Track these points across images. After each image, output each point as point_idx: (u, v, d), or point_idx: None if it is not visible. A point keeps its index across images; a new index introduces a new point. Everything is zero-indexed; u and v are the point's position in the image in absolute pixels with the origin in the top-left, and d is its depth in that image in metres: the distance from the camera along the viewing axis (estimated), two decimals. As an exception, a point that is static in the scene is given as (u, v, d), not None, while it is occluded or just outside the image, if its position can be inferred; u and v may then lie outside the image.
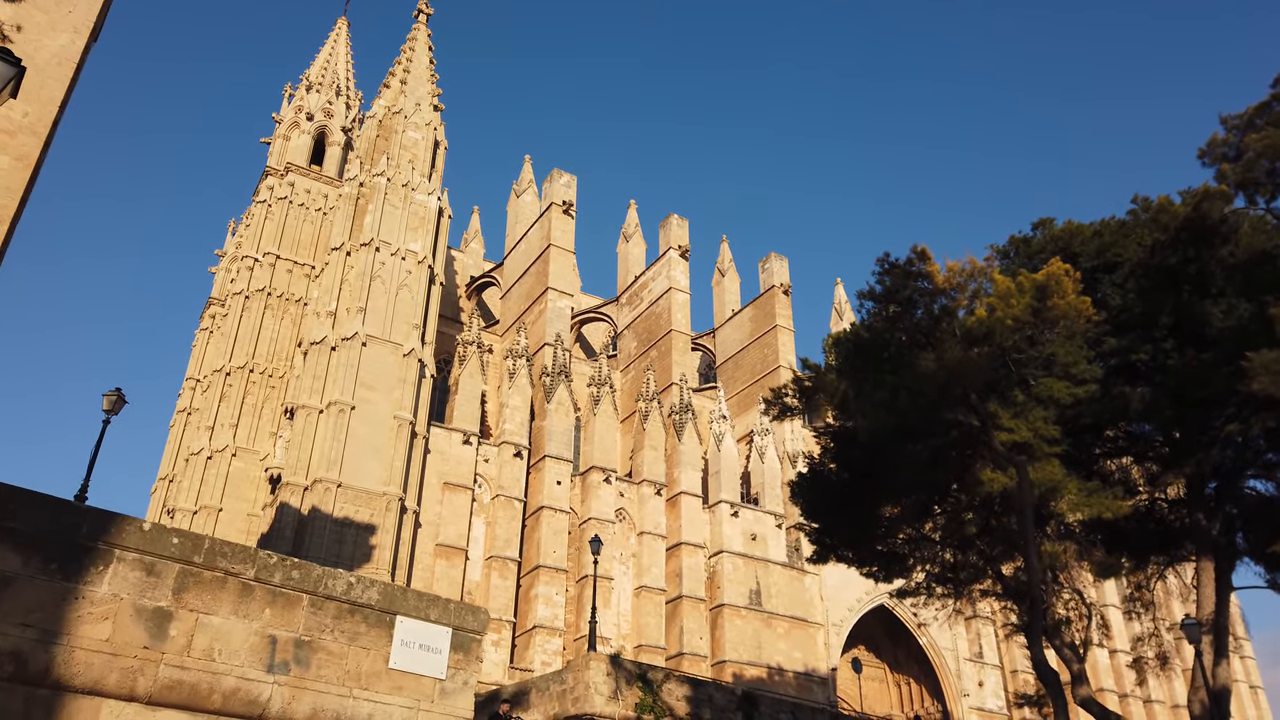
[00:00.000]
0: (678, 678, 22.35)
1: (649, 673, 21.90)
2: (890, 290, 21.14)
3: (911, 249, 21.73)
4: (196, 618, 6.53)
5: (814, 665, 48.67)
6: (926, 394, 19.63)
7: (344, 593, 7.86)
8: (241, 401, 50.38)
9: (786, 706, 24.09)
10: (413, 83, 49.54)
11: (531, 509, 45.69)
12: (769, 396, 22.82)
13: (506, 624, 41.95)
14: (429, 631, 8.70)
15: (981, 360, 19.36)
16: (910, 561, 29.14)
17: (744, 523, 50.55)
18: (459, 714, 8.41)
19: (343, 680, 7.28)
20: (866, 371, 20.84)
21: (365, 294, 42.20)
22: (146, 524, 6.59)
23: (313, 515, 37.04)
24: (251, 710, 6.80)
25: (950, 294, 21.58)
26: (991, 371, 19.97)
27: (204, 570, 6.75)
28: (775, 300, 59.96)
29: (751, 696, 23.16)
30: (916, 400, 19.45)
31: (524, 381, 47.50)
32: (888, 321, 21.81)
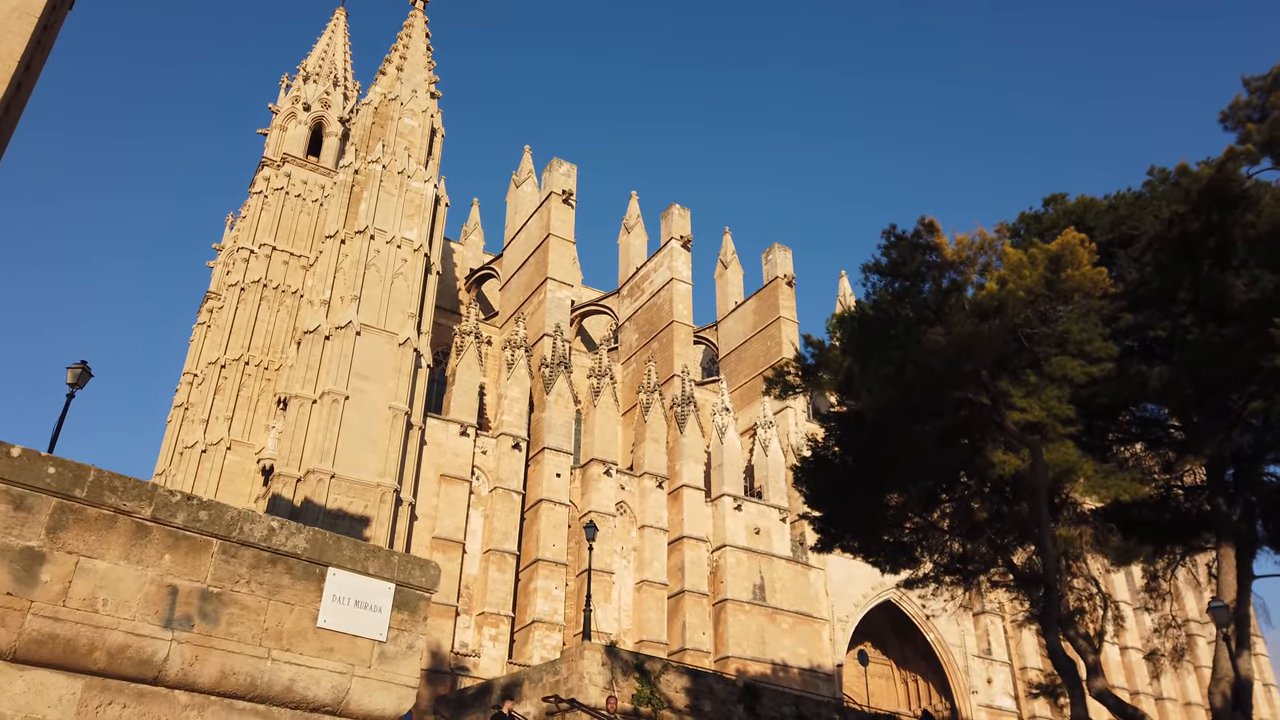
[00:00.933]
0: (676, 669, 21.49)
1: (646, 663, 21.03)
2: (897, 263, 20.25)
3: (919, 221, 20.86)
4: (76, 561, 5.57)
5: (819, 661, 47.75)
6: (934, 369, 18.73)
7: (263, 539, 6.85)
8: (237, 394, 49.65)
9: (789, 699, 23.18)
10: (409, 69, 48.75)
11: (530, 502, 44.85)
12: (771, 375, 21.92)
13: (505, 618, 41.11)
14: (368, 587, 7.69)
15: (993, 334, 18.46)
16: (917, 551, 28.27)
17: (747, 516, 49.64)
18: (401, 680, 7.46)
19: (259, 639, 6.32)
20: (872, 347, 19.95)
21: (360, 282, 41.41)
22: (16, 449, 5.68)
23: (305, 507, 36.22)
24: (144, 671, 5.84)
25: (959, 267, 20.68)
26: (1003, 346, 19.07)
27: (88, 507, 5.76)
28: (779, 291, 59.03)
29: (753, 688, 22.29)
30: (924, 376, 18.55)
31: (523, 372, 46.65)
32: (894, 296, 20.93)
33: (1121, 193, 23.62)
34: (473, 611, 41.43)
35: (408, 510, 39.36)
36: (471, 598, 41.81)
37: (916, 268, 20.17)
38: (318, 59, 64.27)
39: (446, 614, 39.76)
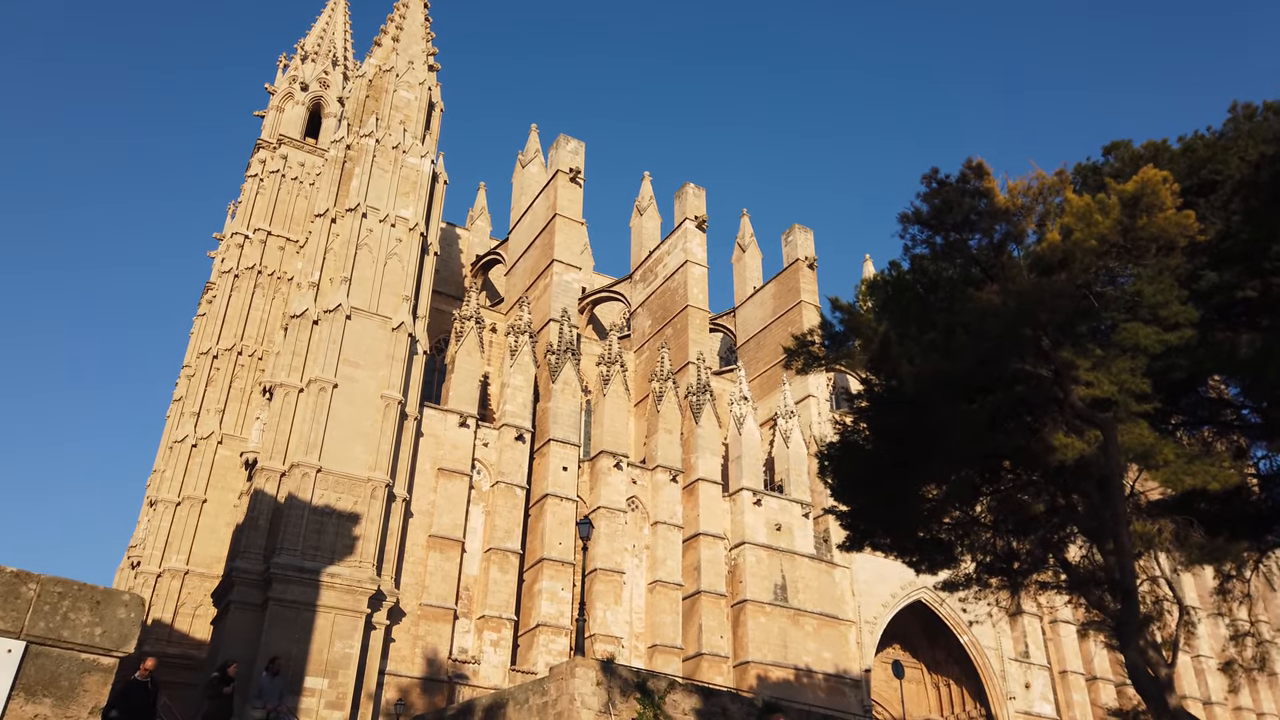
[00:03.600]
0: (685, 687, 18.60)
1: (649, 681, 18.15)
2: (940, 212, 17.15)
3: (965, 164, 17.74)
4: None
5: (846, 666, 44.65)
6: (989, 333, 15.66)
7: None
8: (229, 385, 47.22)
9: (816, 717, 20.23)
10: (406, 40, 46.01)
11: (535, 497, 42.01)
12: (791, 345, 18.92)
13: (507, 622, 38.31)
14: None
15: (1060, 289, 15.37)
16: (957, 550, 25.17)
17: (767, 512, 46.59)
18: None
19: None
20: (912, 311, 16.91)
21: (350, 263, 38.72)
22: None
23: (289, 503, 33.59)
24: None
25: (1013, 217, 17.56)
26: (1072, 304, 15.95)
27: None
28: (800, 275, 55.87)
29: (774, 707, 19.36)
30: (976, 341, 15.50)
31: (527, 359, 43.80)
32: (937, 253, 17.84)
33: (1199, 134, 20.40)
34: (473, 615, 38.67)
35: (401, 506, 36.64)
36: (471, 600, 39.04)
37: (963, 217, 17.09)
38: (316, 38, 61.78)
39: (444, 617, 37.03)
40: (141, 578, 42.14)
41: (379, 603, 33.91)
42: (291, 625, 31.51)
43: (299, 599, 31.81)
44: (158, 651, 39.20)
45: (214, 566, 41.24)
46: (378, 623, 33.89)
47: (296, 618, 31.70)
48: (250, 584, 32.41)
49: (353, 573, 33.19)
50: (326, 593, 32.33)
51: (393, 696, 34.00)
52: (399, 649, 35.40)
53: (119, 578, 51.57)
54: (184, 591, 41.59)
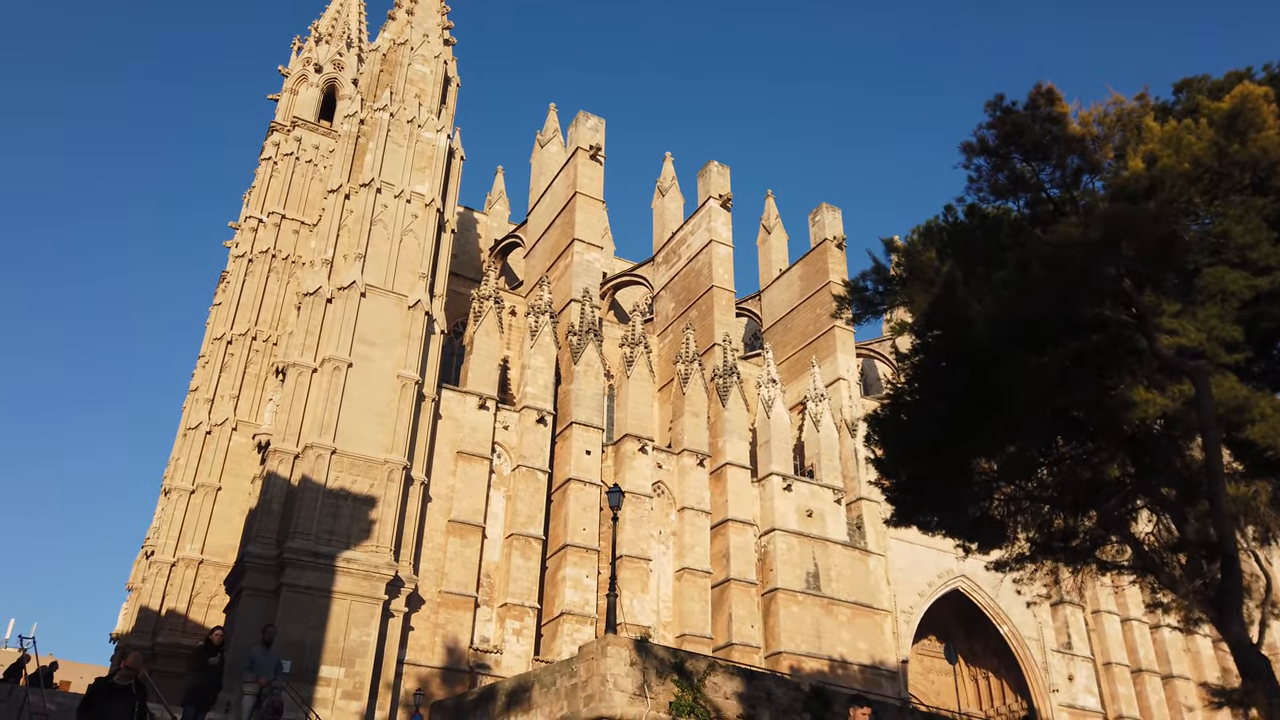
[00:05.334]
0: (725, 668, 17.05)
1: (687, 662, 16.59)
2: (1008, 139, 15.48)
3: (1035, 89, 16.07)
4: None
5: (881, 657, 42.87)
6: (1069, 266, 13.96)
7: None
8: (243, 371, 45.99)
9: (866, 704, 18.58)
10: (420, 13, 44.62)
11: (558, 482, 40.53)
12: (842, 293, 17.19)
13: (530, 610, 36.84)
14: None
15: (1148, 216, 13.64)
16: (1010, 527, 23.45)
17: (798, 497, 44.87)
18: None
19: None
20: (977, 250, 15.23)
21: (365, 240, 37.36)
22: None
23: (303, 486, 32.27)
24: None
25: (1089, 145, 15.88)
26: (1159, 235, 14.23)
27: None
28: (828, 255, 54.06)
29: (822, 692, 17.77)
30: (1055, 276, 13.80)
31: (548, 340, 42.30)
32: (1004, 184, 16.14)
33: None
34: (494, 603, 37.24)
35: (419, 490, 35.25)
36: (493, 587, 37.62)
37: (1034, 144, 15.40)
38: (330, 19, 60.54)
39: (465, 605, 35.62)
40: (155, 567, 41.03)
41: (397, 589, 32.54)
42: (306, 612, 30.18)
43: (313, 585, 30.48)
44: (171, 642, 38.11)
45: (228, 555, 40.04)
46: (395, 610, 32.52)
47: (311, 604, 30.37)
48: (263, 570, 31.12)
49: (369, 558, 31.83)
50: (342, 578, 30.99)
51: (412, 686, 32.63)
52: (418, 637, 34.03)
53: (135, 569, 50.60)
54: (198, 581, 40.43)
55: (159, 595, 40.12)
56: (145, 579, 42.23)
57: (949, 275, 14.62)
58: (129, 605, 46.74)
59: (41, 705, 14.63)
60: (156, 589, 40.29)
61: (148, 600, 40.16)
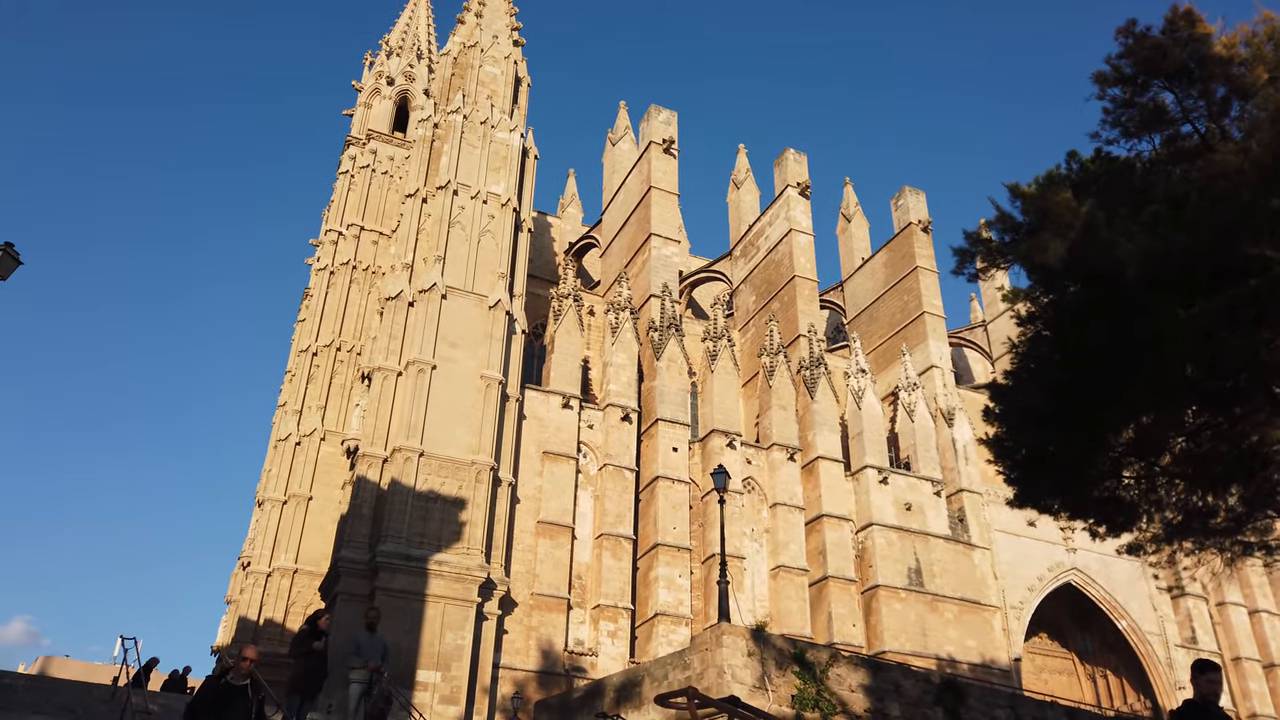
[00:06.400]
0: (849, 660, 15.80)
1: (808, 653, 15.43)
2: (1147, 65, 13.96)
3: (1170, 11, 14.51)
4: None
5: (992, 655, 40.71)
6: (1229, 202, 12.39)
7: None
8: (329, 382, 46.42)
9: (1004, 698, 17.12)
10: (489, 15, 44.48)
11: (645, 480, 39.62)
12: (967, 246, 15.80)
13: (624, 611, 35.96)
14: None
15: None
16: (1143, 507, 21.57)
17: (895, 491, 43.05)
18: None
19: None
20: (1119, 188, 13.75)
21: (443, 242, 37.16)
22: None
23: (393, 489, 32.03)
24: None
25: (1238, 67, 14.24)
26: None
27: None
28: (914, 239, 52.11)
29: (956, 685, 16.39)
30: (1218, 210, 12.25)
31: (629, 336, 41.50)
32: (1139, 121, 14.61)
33: None
34: (587, 605, 36.47)
35: (507, 491, 34.73)
36: (584, 589, 36.85)
37: (1177, 68, 13.85)
38: (400, 32, 61.24)
39: (558, 607, 34.93)
40: (252, 578, 41.46)
41: (489, 591, 32.01)
42: (400, 616, 29.81)
43: (407, 588, 30.13)
44: (270, 652, 38.34)
45: (321, 564, 40.22)
46: (489, 613, 31.98)
47: (405, 608, 30.01)
48: (356, 574, 30.92)
49: (461, 560, 31.36)
50: (435, 581, 30.58)
51: (508, 691, 32.02)
52: (512, 640, 33.44)
53: (233, 581, 51.44)
54: (294, 590, 40.71)
55: (256, 606, 40.50)
56: (243, 590, 42.73)
57: (1089, 215, 13.20)
58: (228, 617, 47.41)
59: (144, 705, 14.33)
60: (253, 600, 40.69)
61: (245, 611, 40.59)
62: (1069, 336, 17.03)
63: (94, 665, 67.40)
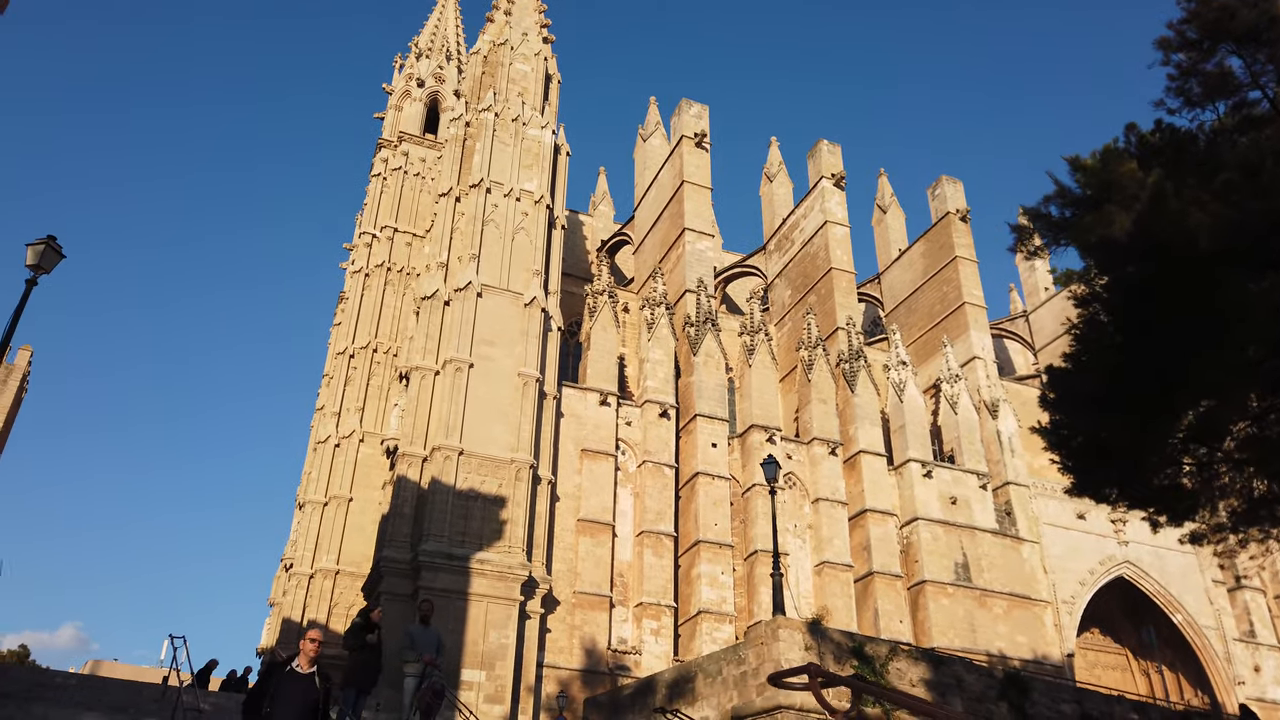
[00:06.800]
0: (909, 654, 15.31)
1: (867, 646, 14.95)
2: (1211, 30, 13.32)
3: (1237, -33, 13.83)
4: None
5: (1044, 651, 39.78)
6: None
7: None
8: (366, 384, 46.52)
9: (1068, 693, 16.52)
10: (518, 12, 44.36)
11: (684, 477, 39.20)
12: (1023, 222, 15.21)
13: (666, 609, 35.58)
14: None
15: None
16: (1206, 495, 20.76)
17: (939, 484, 42.24)
18: None
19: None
20: (1186, 158, 13.13)
21: (478, 240, 37.05)
22: None
23: (433, 488, 31.93)
24: None
25: (1311, 27, 13.54)
26: None
27: None
28: (952, 229, 51.19)
29: (1020, 680, 15.81)
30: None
31: (665, 332, 41.13)
32: (1204, 87, 13.96)
33: None
34: (629, 603, 36.14)
35: (547, 489, 34.52)
36: (626, 587, 36.53)
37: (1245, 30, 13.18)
38: (429, 34, 61.40)
39: (600, 605, 34.64)
40: (295, 579, 41.64)
41: (531, 590, 31.80)
42: (444, 615, 29.61)
43: (449, 587, 29.99)
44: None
45: (363, 565, 40.28)
46: (531, 611, 31.77)
47: (449, 607, 29.85)
48: (399, 574, 30.85)
49: (502, 558, 31.18)
50: (477, 580, 30.42)
51: (552, 690, 31.79)
52: (555, 639, 33.20)
53: (275, 584, 51.78)
54: (336, 591, 40.82)
55: (300, 607, 40.66)
56: (286, 592, 42.94)
57: (1157, 185, 12.59)
58: (272, 619, 47.72)
59: (195, 704, 14.23)
60: (297, 601, 40.85)
61: (289, 613, 40.76)
62: (1130, 316, 16.38)
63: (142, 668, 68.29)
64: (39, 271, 11.47)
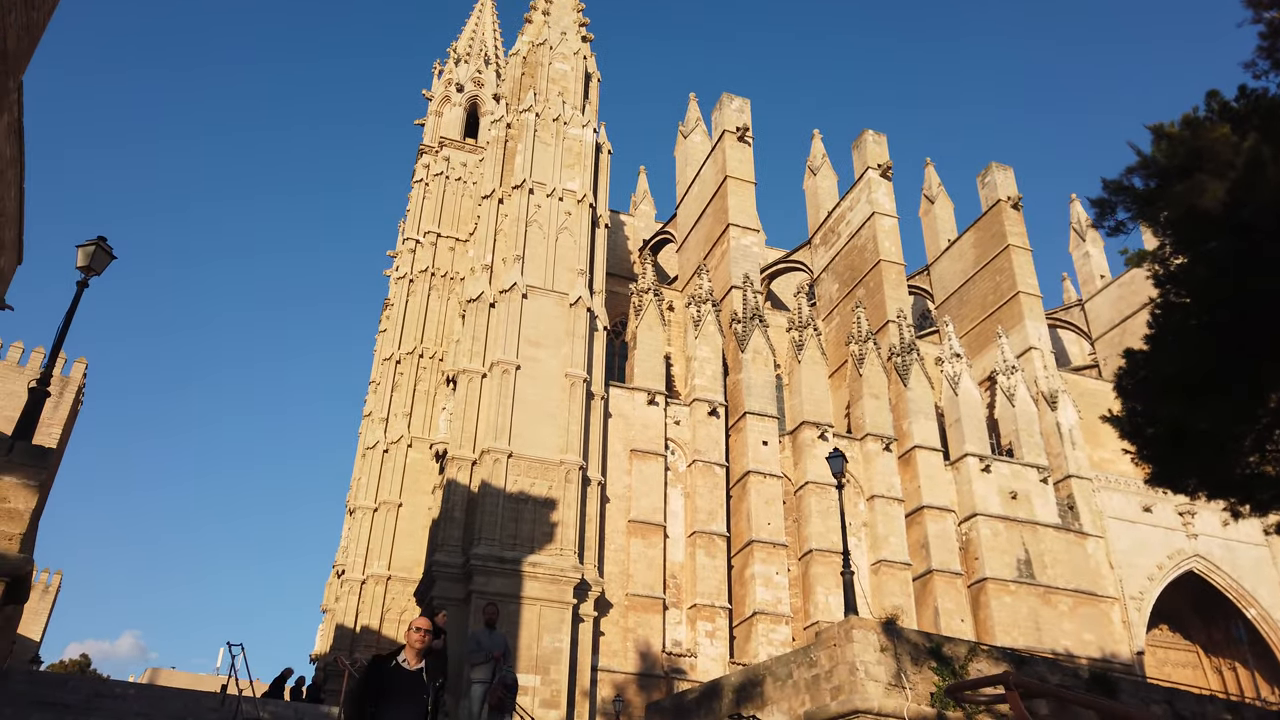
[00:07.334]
0: (989, 653, 14.55)
1: (944, 646, 14.25)
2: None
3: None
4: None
5: (1113, 649, 38.43)
6: None
7: None
8: (413, 389, 46.64)
9: (1159, 693, 15.64)
10: (556, 12, 44.07)
11: (735, 476, 38.54)
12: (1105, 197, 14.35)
13: (721, 611, 34.94)
14: None
15: None
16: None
17: (998, 479, 41.06)
18: None
19: None
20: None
21: (521, 241, 36.79)
22: None
23: (483, 491, 31.67)
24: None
25: None
26: None
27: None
28: (1004, 216, 49.88)
29: (1106, 679, 14.97)
30: None
31: (712, 329, 40.54)
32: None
33: None
34: (683, 604, 35.57)
35: (597, 490, 34.10)
36: (679, 588, 35.97)
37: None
38: (467, 40, 61.57)
39: (653, 608, 34.12)
40: (347, 585, 41.76)
41: (584, 593, 31.38)
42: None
43: (502, 591, 29.69)
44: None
45: (415, 571, 40.26)
46: (585, 614, 31.35)
47: (502, 611, 29.44)
48: (451, 578, 30.62)
49: (554, 561, 30.81)
50: (529, 583, 30.08)
51: (608, 694, 31.32)
52: (609, 643, 32.75)
53: (328, 590, 52.07)
54: (388, 596, 40.85)
55: (352, 613, 40.75)
56: (338, 598, 43.08)
57: (1253, 151, 11.76)
58: (325, 625, 47.96)
59: (254, 713, 14.01)
60: (349, 607, 40.95)
61: (342, 619, 40.86)
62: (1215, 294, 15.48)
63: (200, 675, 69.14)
64: (89, 273, 11.36)
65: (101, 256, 11.44)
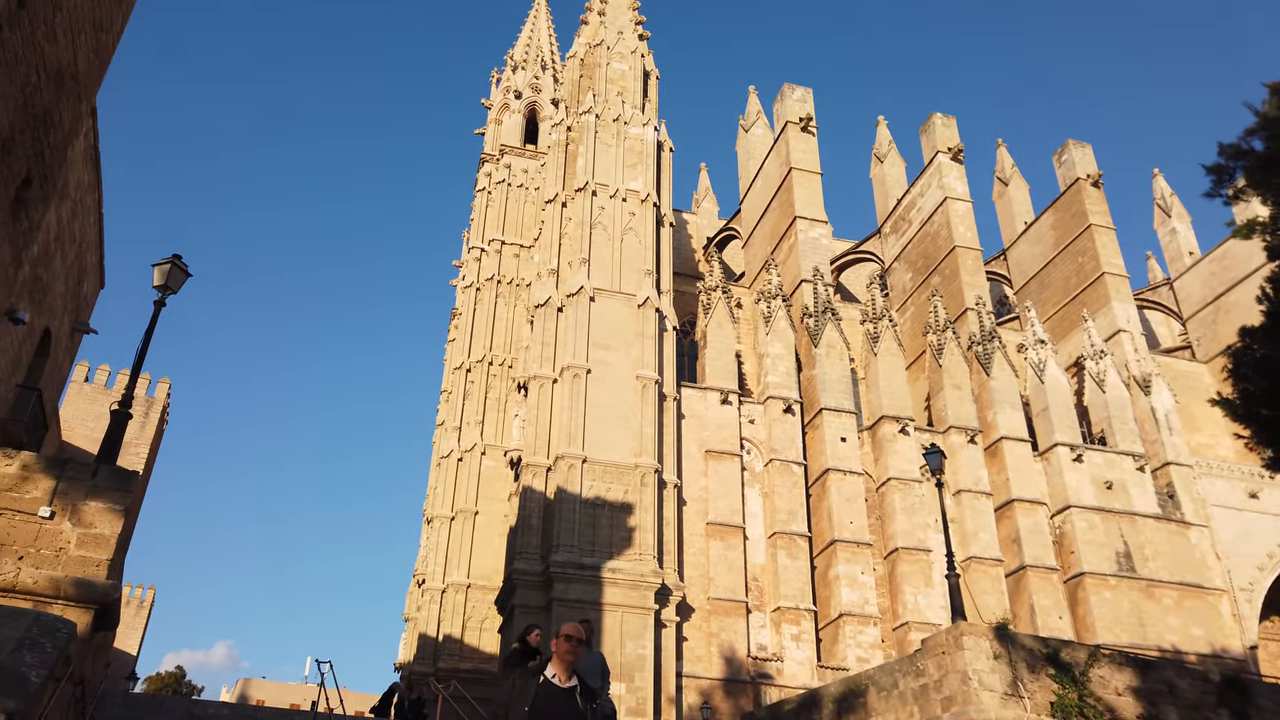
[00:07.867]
0: (1111, 659, 13.56)
1: (1063, 652, 13.30)
2: None
3: None
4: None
5: (1223, 644, 36.36)
6: None
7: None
8: (485, 396, 46.70)
9: (1300, 699, 14.43)
10: (612, 12, 43.72)
11: (814, 474, 37.58)
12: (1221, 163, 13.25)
13: (806, 613, 34.05)
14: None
15: None
16: None
17: (1091, 468, 39.27)
18: None
19: None
20: None
21: (586, 244, 36.47)
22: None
23: (559, 497, 31.39)
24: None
25: None
26: None
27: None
28: (1084, 195, 47.86)
29: (1240, 683, 13.86)
30: None
31: (783, 325, 39.65)
32: None
33: None
34: (765, 607, 34.78)
35: (673, 493, 33.53)
36: (761, 591, 35.18)
37: None
38: (523, 47, 61.65)
39: (736, 611, 33.40)
40: (428, 595, 41.98)
41: (665, 598, 30.85)
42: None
43: (582, 597, 29.33)
44: (450, 668, 38.54)
45: (493, 578, 40.23)
46: (667, 620, 30.81)
47: (582, 618, 29.16)
48: (531, 586, 30.39)
49: (634, 566, 30.35)
50: (610, 589, 29.67)
51: (694, 700, 30.73)
52: (692, 648, 32.15)
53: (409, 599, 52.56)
54: (469, 605, 40.90)
55: (434, 622, 40.92)
56: (420, 607, 43.36)
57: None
58: (408, 634, 48.37)
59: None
60: (431, 616, 41.13)
61: (424, 628, 41.07)
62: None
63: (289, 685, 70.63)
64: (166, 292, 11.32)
65: (177, 275, 11.41)
